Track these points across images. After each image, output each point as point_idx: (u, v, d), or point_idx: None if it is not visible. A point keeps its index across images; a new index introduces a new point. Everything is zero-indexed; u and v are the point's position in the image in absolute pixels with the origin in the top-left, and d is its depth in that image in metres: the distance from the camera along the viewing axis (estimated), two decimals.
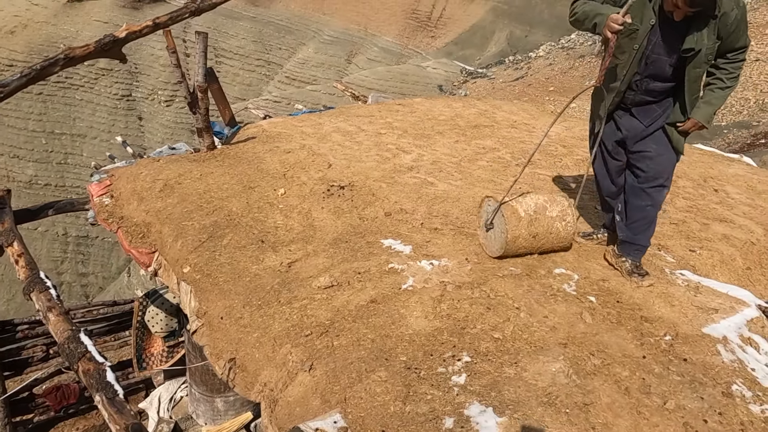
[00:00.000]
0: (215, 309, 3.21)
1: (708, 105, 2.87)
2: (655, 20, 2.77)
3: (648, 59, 2.87)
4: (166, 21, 4.44)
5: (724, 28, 2.68)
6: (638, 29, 2.80)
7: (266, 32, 43.13)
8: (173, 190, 4.29)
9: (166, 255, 3.84)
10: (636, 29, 2.80)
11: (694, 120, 2.89)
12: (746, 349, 2.63)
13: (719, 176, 4.93)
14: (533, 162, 4.97)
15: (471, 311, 2.83)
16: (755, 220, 4.09)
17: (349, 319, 2.86)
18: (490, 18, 41.32)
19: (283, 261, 3.49)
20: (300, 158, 4.76)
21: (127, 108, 40.50)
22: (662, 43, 2.80)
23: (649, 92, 2.99)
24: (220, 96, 5.66)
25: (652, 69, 2.90)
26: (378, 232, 3.67)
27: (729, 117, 21.42)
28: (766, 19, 27.35)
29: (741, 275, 3.58)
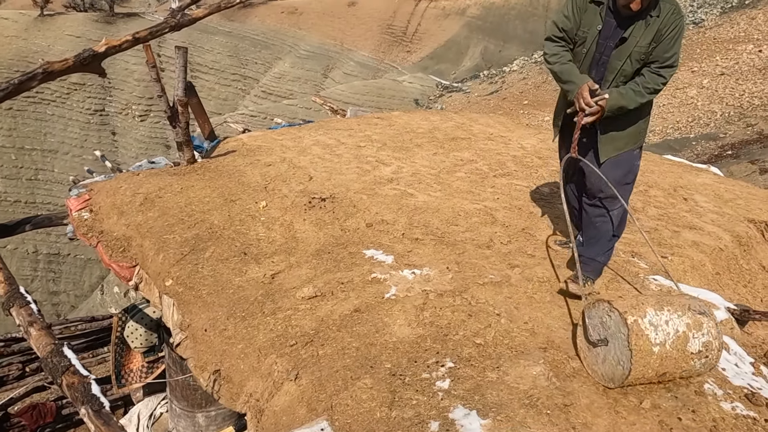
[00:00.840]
0: (199, 321, 3.22)
1: (619, 95, 2.77)
2: (602, 25, 2.82)
3: (599, 63, 2.88)
4: (146, 36, 4.46)
5: (662, 30, 2.69)
6: (587, 36, 2.86)
7: (242, 47, 43.12)
8: (154, 204, 4.28)
9: (147, 269, 3.83)
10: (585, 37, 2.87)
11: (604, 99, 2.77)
12: None
13: (688, 185, 5.10)
14: (509, 173, 5.10)
15: (453, 318, 2.89)
16: (723, 227, 4.25)
17: (334, 329, 2.90)
18: (464, 33, 42.00)
19: (266, 272, 3.51)
20: (281, 171, 4.79)
21: (100, 123, 40.00)
22: (610, 44, 2.83)
23: None
24: (200, 110, 5.67)
25: (603, 74, 2.89)
26: (360, 243, 3.72)
27: (697, 129, 22.07)
28: (730, 35, 28.35)
29: (711, 280, 3.72)
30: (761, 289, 3.90)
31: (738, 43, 27.02)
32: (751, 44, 25.96)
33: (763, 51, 25.21)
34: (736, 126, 21.33)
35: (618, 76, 2.83)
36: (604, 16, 2.82)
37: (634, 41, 2.73)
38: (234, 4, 4.71)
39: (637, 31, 2.73)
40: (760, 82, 22.99)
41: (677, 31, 2.70)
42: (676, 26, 2.69)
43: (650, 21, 2.71)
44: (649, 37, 2.71)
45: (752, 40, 26.26)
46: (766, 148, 18.14)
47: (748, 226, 4.33)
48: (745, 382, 2.59)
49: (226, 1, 4.73)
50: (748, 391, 2.52)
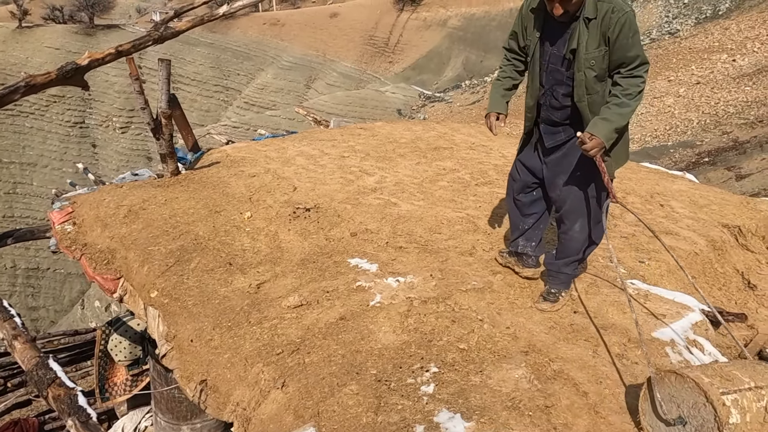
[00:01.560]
0: (185, 332, 3.23)
1: (605, 121, 2.60)
2: (539, 33, 2.78)
3: (547, 70, 2.82)
4: (129, 48, 4.48)
5: (607, 32, 2.57)
6: (530, 46, 2.85)
7: (224, 58, 43.07)
8: (138, 216, 4.29)
9: (132, 280, 3.83)
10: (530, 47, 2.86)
11: (597, 139, 2.58)
12: (692, 351, 2.83)
13: (664, 192, 5.23)
14: (491, 182, 5.18)
15: (437, 324, 2.94)
16: (698, 232, 4.36)
17: (320, 337, 2.94)
18: (446, 44, 42.43)
19: (251, 282, 3.54)
20: (265, 182, 4.83)
21: (80, 135, 39.58)
22: (555, 52, 2.76)
23: (553, 108, 2.89)
24: (183, 122, 5.69)
25: (552, 80, 2.83)
26: (345, 252, 3.77)
27: (674, 137, 22.51)
28: (705, 45, 29.00)
29: (687, 283, 3.82)
30: (735, 292, 4.01)
31: (712, 52, 27.67)
32: (725, 54, 26.60)
33: (736, 60, 25.83)
34: (712, 134, 21.79)
35: (579, 86, 2.72)
36: (543, 25, 2.78)
37: (582, 48, 2.63)
38: (217, 17, 4.76)
39: (582, 37, 2.63)
40: (735, 91, 23.54)
41: (626, 28, 2.55)
42: (621, 24, 2.54)
43: (590, 25, 2.60)
44: (595, 42, 2.61)
45: (726, 50, 26.91)
46: (742, 155, 18.56)
47: (723, 230, 4.45)
48: None
49: (209, 14, 4.78)
50: None
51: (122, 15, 51.30)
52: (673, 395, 2.09)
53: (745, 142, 19.53)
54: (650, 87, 26.73)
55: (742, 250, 4.43)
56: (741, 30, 27.88)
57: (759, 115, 20.45)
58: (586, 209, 2.96)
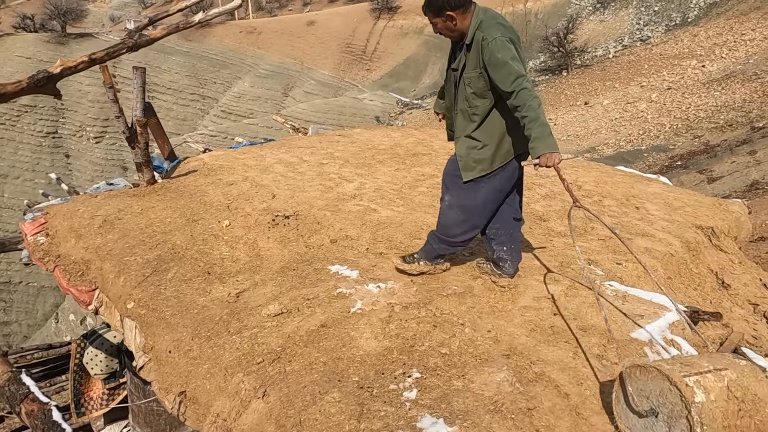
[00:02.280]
0: (162, 343, 3.17)
1: (532, 140, 2.80)
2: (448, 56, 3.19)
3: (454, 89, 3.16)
4: (103, 56, 4.42)
5: (480, 60, 2.90)
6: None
7: (200, 66, 42.73)
8: (113, 226, 4.22)
9: (107, 292, 3.76)
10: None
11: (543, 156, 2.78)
12: (669, 350, 2.87)
13: (640, 195, 5.32)
14: None
15: (418, 330, 2.94)
16: (673, 233, 4.44)
17: (301, 345, 2.91)
18: (422, 51, 42.69)
19: (230, 291, 3.49)
20: (243, 190, 4.78)
21: (53, 146, 38.86)
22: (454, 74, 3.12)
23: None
24: (159, 130, 5.62)
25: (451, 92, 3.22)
26: (325, 259, 3.75)
27: (648, 141, 22.94)
28: (675, 51, 29.67)
29: (663, 284, 3.88)
30: (710, 292, 4.09)
31: (683, 58, 28.32)
32: (695, 60, 27.25)
33: (706, 66, 26.46)
34: (684, 138, 22.26)
35: (461, 100, 3.07)
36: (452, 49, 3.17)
37: (465, 70, 2.99)
38: (192, 25, 4.72)
39: (462, 60, 3.00)
40: (705, 96, 24.10)
41: (491, 58, 2.84)
42: (488, 54, 2.84)
43: (470, 50, 2.95)
44: (472, 65, 2.95)
45: (695, 56, 27.57)
46: (713, 158, 18.99)
47: (696, 232, 4.54)
48: None
49: (184, 22, 4.74)
50: None
51: (95, 23, 50.66)
52: (641, 389, 2.15)
53: (715, 146, 20.00)
54: (623, 93, 27.27)
55: (716, 251, 4.53)
56: (709, 36, 28.62)
57: (728, 119, 20.97)
58: (450, 186, 3.29)
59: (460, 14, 2.93)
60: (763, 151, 16.91)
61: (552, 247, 4.04)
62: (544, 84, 32.09)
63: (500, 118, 3.03)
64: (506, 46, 2.84)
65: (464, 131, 3.12)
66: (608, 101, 27.79)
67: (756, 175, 15.73)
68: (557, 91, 31.05)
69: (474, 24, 2.93)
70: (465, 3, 2.92)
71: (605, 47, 34.19)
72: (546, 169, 2.84)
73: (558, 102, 29.55)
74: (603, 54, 33.16)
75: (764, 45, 24.68)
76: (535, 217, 4.58)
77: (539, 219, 4.56)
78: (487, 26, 2.90)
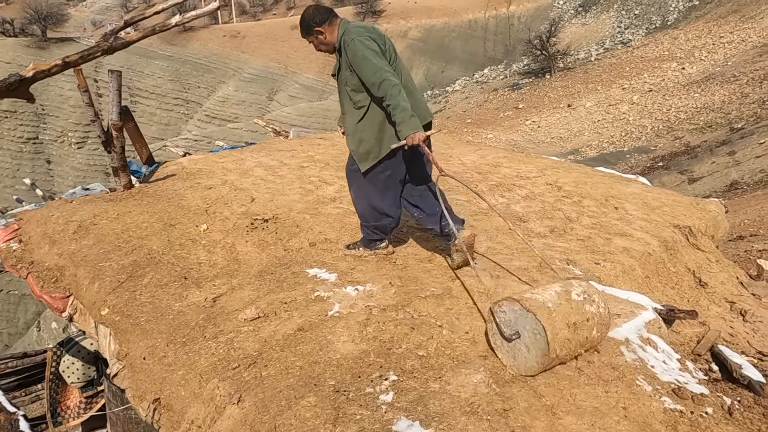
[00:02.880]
0: (137, 350, 3.12)
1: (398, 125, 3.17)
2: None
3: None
4: (77, 60, 4.35)
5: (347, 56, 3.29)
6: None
7: (184, 71, 42.43)
8: (88, 232, 4.15)
9: (82, 298, 3.69)
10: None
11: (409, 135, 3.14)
12: (646, 349, 2.88)
13: (618, 195, 5.36)
14: (450, 189, 5.21)
15: (396, 332, 2.92)
16: (651, 233, 4.47)
17: (277, 349, 2.88)
18: (407, 54, 42.78)
19: (207, 296, 3.45)
20: (222, 194, 4.74)
21: (34, 151, 38.33)
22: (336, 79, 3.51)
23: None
24: (137, 134, 5.55)
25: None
26: (303, 262, 3.72)
27: (630, 143, 23.19)
28: (655, 54, 30.04)
29: (641, 283, 3.91)
30: (687, 290, 4.12)
31: (663, 61, 28.69)
32: (675, 62, 27.64)
33: (685, 68, 26.84)
34: (665, 139, 22.51)
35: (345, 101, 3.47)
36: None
37: (340, 72, 3.41)
38: (169, 27, 4.67)
39: (337, 65, 3.43)
40: (685, 98, 24.41)
41: (354, 56, 3.24)
42: (351, 53, 3.25)
43: (341, 54, 3.36)
44: (344, 66, 3.36)
45: (675, 59, 27.96)
46: (693, 159, 19.23)
47: (674, 231, 4.58)
48: (672, 377, 2.73)
49: (161, 24, 4.69)
50: (675, 386, 2.65)
51: (77, 28, 50.13)
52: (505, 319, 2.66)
53: (696, 147, 20.25)
54: (605, 95, 27.55)
55: (693, 250, 4.57)
56: (689, 39, 29.04)
57: (708, 121, 21.27)
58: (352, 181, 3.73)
59: (327, 27, 3.36)
60: (742, 152, 17.17)
61: None
62: (528, 87, 32.33)
63: (379, 109, 3.37)
64: (365, 44, 3.22)
65: (351, 127, 3.50)
66: (591, 103, 28.06)
67: (735, 176, 15.96)
68: (541, 93, 31.29)
69: (340, 32, 3.34)
70: (328, 17, 3.36)
71: (587, 50, 34.57)
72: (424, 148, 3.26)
73: (541, 104, 29.78)
74: (585, 57, 33.51)
75: (742, 47, 25.11)
76: (515, 218, 4.59)
77: (519, 220, 4.57)
78: (349, 30, 3.31)
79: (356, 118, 3.45)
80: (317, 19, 3.35)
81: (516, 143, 26.11)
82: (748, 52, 24.59)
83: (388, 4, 46.02)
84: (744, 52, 24.96)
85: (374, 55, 3.21)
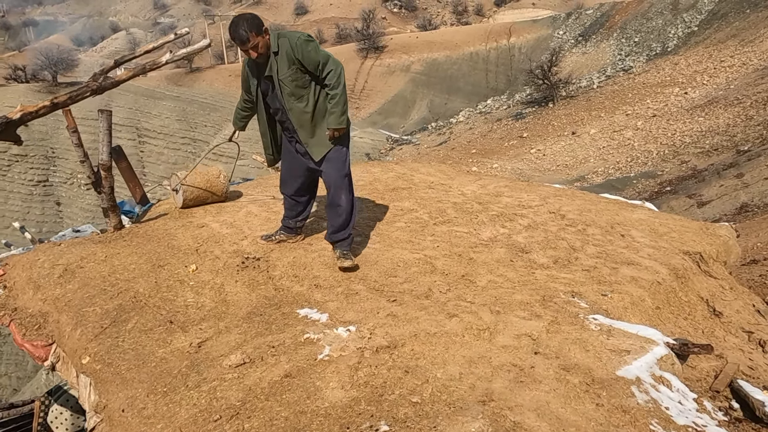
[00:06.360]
0: (116, 401, 2.94)
1: (330, 114, 3.74)
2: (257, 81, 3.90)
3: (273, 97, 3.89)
4: (65, 100, 4.30)
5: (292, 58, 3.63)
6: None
7: (190, 110, 43.06)
8: (74, 275, 4.02)
9: (64, 346, 3.53)
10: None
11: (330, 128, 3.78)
12: (659, 388, 2.67)
13: (624, 222, 5.17)
14: (450, 220, 5.05)
15: (389, 376, 2.73)
16: (659, 261, 4.28)
17: (262, 398, 2.69)
18: (410, 88, 43.27)
19: (192, 341, 3.28)
20: (214, 232, 4.61)
21: (44, 194, 38.75)
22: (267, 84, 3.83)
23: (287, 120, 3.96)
24: (130, 174, 5.47)
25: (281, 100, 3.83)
26: (294, 302, 3.55)
27: (636, 168, 23.03)
28: (657, 79, 30.14)
29: (651, 315, 3.70)
30: (701, 320, 3.90)
31: (665, 86, 28.73)
32: (677, 87, 27.66)
33: (688, 93, 26.84)
34: (671, 163, 22.35)
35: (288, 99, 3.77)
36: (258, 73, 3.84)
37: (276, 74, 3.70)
38: (159, 66, 4.63)
39: (273, 66, 3.69)
40: (689, 122, 24.32)
41: (304, 48, 3.62)
42: (299, 48, 3.61)
43: (277, 58, 3.66)
44: (285, 66, 3.66)
45: (677, 84, 28.00)
46: (701, 182, 19.02)
47: (684, 258, 4.38)
48: (689, 420, 2.51)
49: (151, 63, 4.64)
50: (693, 430, 2.43)
51: (87, 72, 51.12)
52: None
53: (703, 170, 20.05)
54: (609, 121, 27.54)
55: (705, 277, 4.36)
56: (690, 64, 29.13)
57: (714, 144, 21.11)
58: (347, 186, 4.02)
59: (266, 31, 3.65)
60: (750, 174, 16.96)
61: (534, 280, 3.87)
62: (531, 116, 32.43)
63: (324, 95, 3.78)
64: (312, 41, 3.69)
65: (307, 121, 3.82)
66: (595, 130, 28.04)
67: (744, 198, 15.71)
68: (544, 122, 31.36)
69: (273, 36, 3.67)
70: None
71: (589, 78, 34.75)
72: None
73: (546, 133, 29.79)
74: (587, 85, 33.68)
75: (743, 71, 25.11)
76: (517, 249, 4.42)
77: (521, 251, 4.40)
78: (283, 34, 3.70)
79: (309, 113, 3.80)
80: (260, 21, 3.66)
81: (521, 172, 26.03)
82: (750, 75, 24.58)
83: (390, 40, 46.80)
84: (746, 75, 24.95)
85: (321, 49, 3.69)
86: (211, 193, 5.17)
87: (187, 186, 4.97)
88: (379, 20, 56.13)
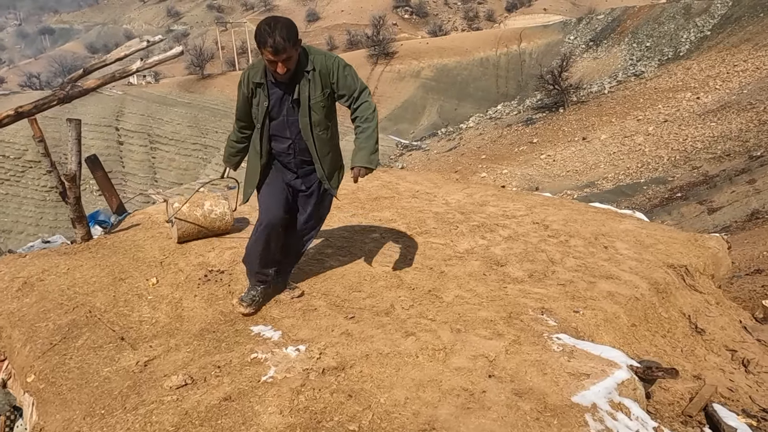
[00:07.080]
0: (53, 424, 2.82)
1: (359, 150, 3.12)
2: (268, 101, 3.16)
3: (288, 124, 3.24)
4: (30, 109, 4.23)
5: (326, 77, 3.09)
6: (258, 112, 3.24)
7: (202, 117, 43.39)
8: (33, 288, 3.93)
9: (14, 362, 3.44)
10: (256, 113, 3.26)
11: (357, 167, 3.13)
12: (616, 416, 2.49)
13: (610, 233, 4.98)
14: (428, 231, 4.90)
15: (330, 401, 2.59)
16: (641, 274, 4.08)
17: (197, 423, 2.56)
18: (420, 94, 43.21)
19: (140, 359, 3.16)
20: (182, 243, 4.50)
21: (57, 200, 39.15)
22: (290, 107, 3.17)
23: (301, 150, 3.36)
24: (106, 183, 5.40)
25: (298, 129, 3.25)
26: (249, 319, 3.42)
27: (647, 174, 22.66)
28: (669, 84, 29.71)
29: (626, 333, 3.51)
30: (681, 338, 3.70)
31: (677, 91, 28.31)
32: (689, 92, 27.23)
33: (700, 98, 26.41)
34: (682, 169, 21.95)
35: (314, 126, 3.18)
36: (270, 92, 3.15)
37: (306, 97, 3.10)
38: (129, 74, 4.55)
39: (304, 89, 3.08)
40: (701, 127, 23.91)
41: (342, 68, 3.12)
42: (336, 66, 3.10)
43: (310, 77, 3.07)
44: (318, 89, 3.09)
45: (690, 89, 27.57)
46: (713, 188, 18.62)
47: (667, 271, 4.18)
48: None
49: (121, 71, 4.57)
50: None
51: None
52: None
53: (714, 176, 19.66)
54: (620, 127, 27.17)
55: (690, 291, 4.15)
56: (702, 69, 28.67)
57: (726, 149, 20.70)
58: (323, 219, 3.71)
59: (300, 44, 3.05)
60: (762, 180, 16.57)
61: (504, 295, 3.69)
62: (542, 121, 32.16)
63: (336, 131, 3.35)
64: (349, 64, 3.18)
65: (326, 152, 3.29)
66: (606, 136, 27.67)
67: (756, 204, 15.34)
68: (555, 127, 31.06)
69: (304, 53, 3.06)
70: None
71: (600, 83, 34.40)
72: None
73: (556, 138, 29.50)
74: (598, 90, 33.32)
75: (757, 75, 24.63)
76: (493, 262, 4.25)
77: (496, 264, 4.23)
78: (315, 50, 3.14)
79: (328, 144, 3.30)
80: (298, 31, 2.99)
81: (531, 177, 25.76)
82: (764, 80, 24.10)
83: (400, 46, 46.80)
84: (759, 79, 24.47)
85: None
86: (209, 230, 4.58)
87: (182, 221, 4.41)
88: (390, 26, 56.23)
